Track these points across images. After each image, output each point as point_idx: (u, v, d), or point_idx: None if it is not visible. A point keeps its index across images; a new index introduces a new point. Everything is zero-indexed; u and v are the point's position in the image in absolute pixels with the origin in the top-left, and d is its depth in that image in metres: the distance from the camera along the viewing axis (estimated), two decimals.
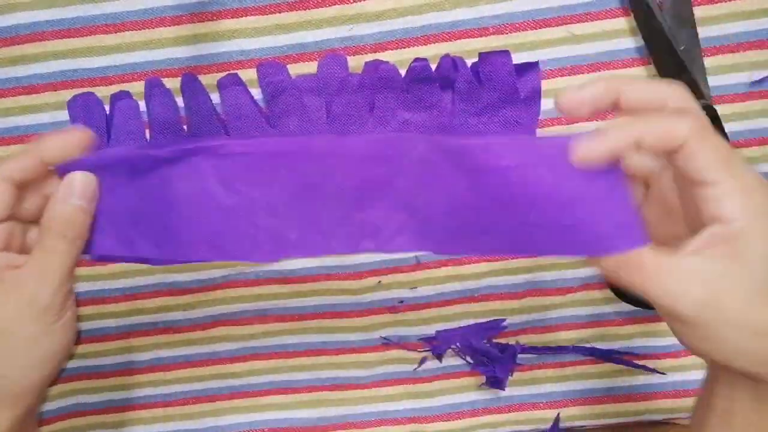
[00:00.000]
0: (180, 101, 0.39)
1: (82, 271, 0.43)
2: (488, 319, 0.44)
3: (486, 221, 0.24)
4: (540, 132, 0.40)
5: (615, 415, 0.45)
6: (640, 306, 0.42)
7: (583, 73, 0.38)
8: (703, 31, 0.37)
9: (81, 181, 0.28)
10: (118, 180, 0.28)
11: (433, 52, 0.38)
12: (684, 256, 0.23)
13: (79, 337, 0.30)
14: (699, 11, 0.37)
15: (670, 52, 0.37)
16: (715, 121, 0.37)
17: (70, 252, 0.27)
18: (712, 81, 0.38)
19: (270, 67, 0.39)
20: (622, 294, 0.41)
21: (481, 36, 0.38)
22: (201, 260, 0.29)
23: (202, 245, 0.26)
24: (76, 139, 0.29)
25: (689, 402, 0.44)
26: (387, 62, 0.38)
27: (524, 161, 0.23)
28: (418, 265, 0.43)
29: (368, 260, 0.43)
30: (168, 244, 0.27)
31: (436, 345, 0.45)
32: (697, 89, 0.37)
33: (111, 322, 0.44)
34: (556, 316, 0.44)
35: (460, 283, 0.43)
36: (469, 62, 0.39)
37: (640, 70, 0.38)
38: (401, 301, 0.44)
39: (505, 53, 0.38)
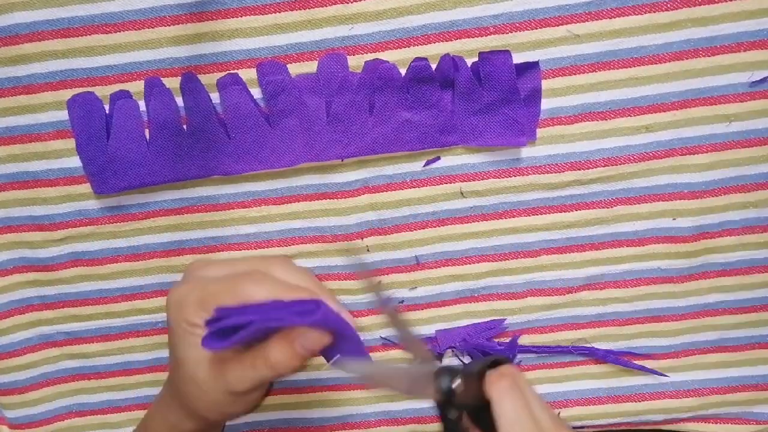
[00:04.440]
0: (180, 101, 0.40)
1: (82, 271, 0.43)
2: (488, 319, 0.44)
3: None
4: (540, 132, 0.40)
5: (615, 415, 0.45)
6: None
7: (583, 72, 0.38)
8: (703, 31, 0.37)
9: (312, 340, 0.30)
10: None
11: (433, 51, 0.38)
12: None
13: (270, 388, 0.34)
14: (699, 11, 0.37)
15: None
16: None
17: (268, 377, 0.30)
18: (712, 81, 0.38)
19: (270, 67, 0.39)
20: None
21: (481, 36, 0.38)
22: None
23: None
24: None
25: (689, 402, 0.45)
26: (387, 61, 0.38)
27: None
28: (418, 265, 0.43)
29: (368, 260, 0.43)
30: None
31: (436, 345, 0.45)
32: None
33: (111, 322, 0.44)
34: (556, 316, 0.44)
35: (460, 283, 0.43)
36: (469, 62, 0.39)
37: (640, 70, 0.38)
38: (401, 301, 0.44)
39: (506, 53, 0.38)
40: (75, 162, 0.40)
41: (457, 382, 0.29)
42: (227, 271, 0.32)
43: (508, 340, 0.44)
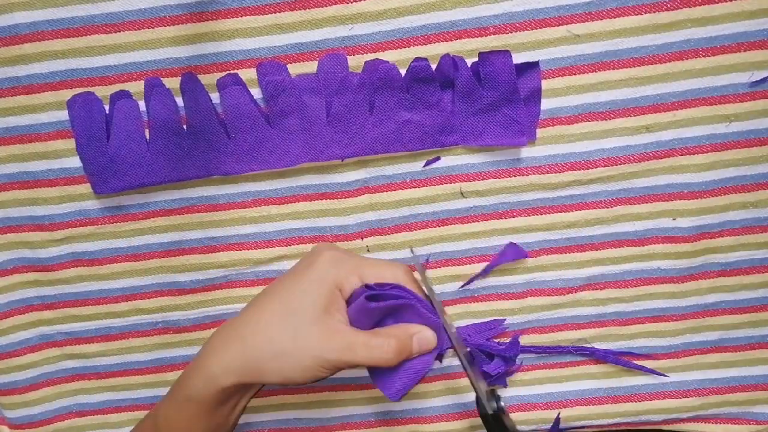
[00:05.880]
0: (180, 101, 0.40)
1: (82, 271, 0.43)
2: (488, 319, 0.44)
3: None
4: (540, 132, 0.40)
5: (615, 416, 0.45)
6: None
7: (583, 72, 0.38)
8: (703, 31, 0.37)
9: (427, 340, 0.35)
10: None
11: (433, 51, 0.38)
12: None
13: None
14: (699, 11, 0.37)
15: None
16: None
17: (370, 358, 0.33)
18: (712, 81, 0.38)
19: (270, 67, 0.39)
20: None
21: (481, 36, 0.38)
22: None
23: None
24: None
25: (689, 402, 0.45)
26: (387, 62, 0.38)
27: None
28: None
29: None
30: None
31: None
32: None
33: (111, 322, 0.44)
34: (556, 316, 0.44)
35: (460, 283, 0.43)
36: (469, 62, 0.39)
37: (639, 71, 0.38)
38: None
39: (506, 53, 0.38)
40: (75, 162, 0.40)
41: (503, 405, 0.33)
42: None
43: (508, 340, 0.44)
